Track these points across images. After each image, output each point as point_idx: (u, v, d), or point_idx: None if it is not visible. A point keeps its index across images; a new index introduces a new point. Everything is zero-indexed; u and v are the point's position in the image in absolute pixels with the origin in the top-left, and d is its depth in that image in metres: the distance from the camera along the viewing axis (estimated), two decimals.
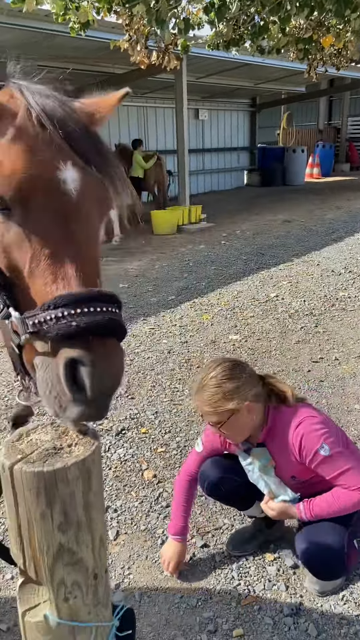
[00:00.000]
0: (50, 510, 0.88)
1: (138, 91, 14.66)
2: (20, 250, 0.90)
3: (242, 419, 1.95)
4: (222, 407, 1.91)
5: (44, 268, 0.88)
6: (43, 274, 0.88)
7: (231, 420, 1.93)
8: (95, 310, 0.84)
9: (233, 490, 2.28)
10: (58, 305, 0.84)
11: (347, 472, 1.95)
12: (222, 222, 11.40)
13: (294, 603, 2.12)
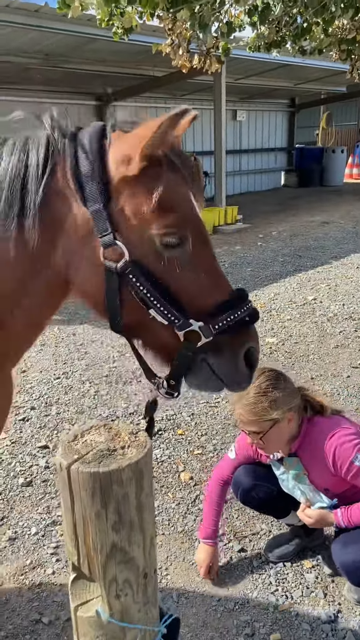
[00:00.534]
0: (105, 510, 0.91)
1: (177, 93, 14.73)
2: (190, 274, 1.10)
3: (282, 429, 1.96)
4: (266, 417, 1.91)
5: (209, 284, 1.12)
6: (209, 289, 1.11)
7: (272, 431, 1.94)
8: (249, 305, 1.15)
9: (267, 498, 2.28)
10: (229, 308, 1.11)
11: None
12: (258, 223, 11.33)
13: (332, 611, 2.10)
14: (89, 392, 4.07)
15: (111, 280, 1.07)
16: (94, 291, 1.12)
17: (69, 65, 10.36)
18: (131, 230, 1.07)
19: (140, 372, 3.85)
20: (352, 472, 1.95)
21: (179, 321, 1.09)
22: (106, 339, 5.16)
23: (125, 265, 1.06)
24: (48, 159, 1.10)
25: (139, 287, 1.06)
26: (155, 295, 1.07)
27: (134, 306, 1.10)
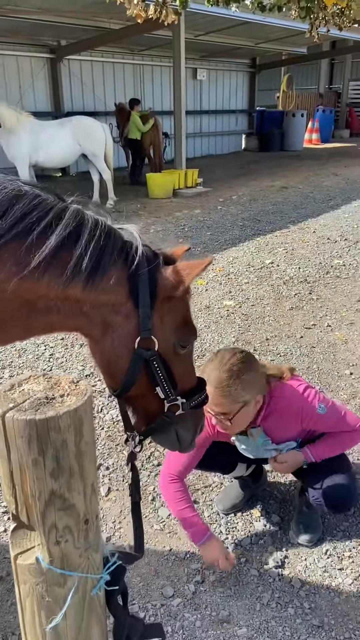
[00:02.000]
0: (43, 457, 0.89)
1: (134, 48, 14.22)
2: (183, 366, 1.50)
3: (250, 411, 1.98)
4: (237, 399, 1.92)
5: (190, 373, 1.54)
6: (190, 376, 1.54)
7: (240, 412, 1.95)
8: (204, 390, 1.57)
9: (211, 459, 2.26)
10: (200, 392, 1.53)
11: (342, 419, 2.11)
12: (218, 187, 11.25)
13: (279, 556, 2.19)
14: (44, 355, 4.01)
15: (137, 362, 1.38)
16: (117, 364, 1.40)
17: (18, 14, 9.81)
18: (163, 332, 1.40)
19: None
20: (316, 420, 2.06)
21: (171, 396, 1.45)
22: None
23: (153, 354, 1.38)
24: (123, 250, 1.36)
25: (158, 370, 1.40)
26: (166, 378, 1.42)
27: (145, 383, 1.42)
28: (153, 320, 1.38)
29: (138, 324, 1.36)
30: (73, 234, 1.29)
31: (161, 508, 2.46)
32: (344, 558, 2.19)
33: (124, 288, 1.36)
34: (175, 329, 1.44)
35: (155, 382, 1.42)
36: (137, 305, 1.36)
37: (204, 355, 4.00)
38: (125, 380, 1.41)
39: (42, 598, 0.97)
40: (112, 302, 1.36)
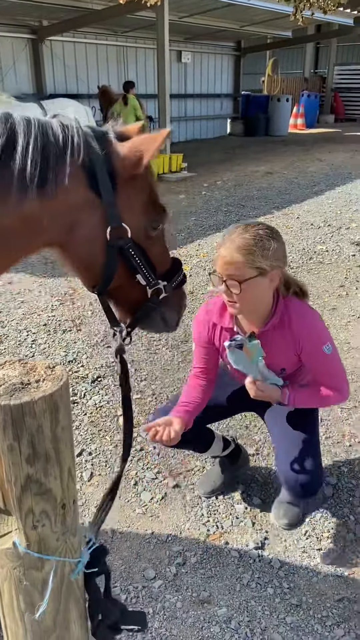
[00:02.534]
0: (18, 443, 0.89)
1: (117, 29, 13.97)
2: (158, 249, 1.48)
3: (262, 288, 1.81)
4: (254, 262, 1.74)
5: (165, 255, 1.53)
6: (166, 258, 1.53)
7: (253, 283, 1.77)
8: (182, 269, 1.58)
9: (185, 435, 2.15)
10: (177, 272, 1.54)
11: (336, 373, 2.00)
12: (203, 172, 11.18)
13: (260, 538, 2.23)
14: (26, 341, 3.99)
15: (113, 254, 1.35)
16: (92, 261, 1.37)
17: None
18: (132, 217, 1.35)
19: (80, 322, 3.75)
20: (315, 355, 1.93)
21: (153, 282, 1.44)
22: (45, 287, 5.04)
23: (127, 242, 1.34)
24: (66, 143, 1.26)
25: (135, 258, 1.38)
26: (144, 263, 1.40)
27: (124, 273, 1.40)
28: (119, 206, 1.32)
29: (105, 214, 1.30)
30: (7, 145, 1.19)
31: (143, 492, 2.48)
32: (323, 539, 2.24)
33: (81, 181, 1.27)
34: (144, 210, 1.39)
35: (134, 269, 1.39)
36: (100, 195, 1.29)
37: (187, 340, 4.01)
38: (104, 275, 1.38)
39: (20, 582, 0.98)
40: (73, 202, 1.28)
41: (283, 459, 2.09)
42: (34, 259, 5.86)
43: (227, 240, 1.79)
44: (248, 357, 1.91)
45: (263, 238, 1.76)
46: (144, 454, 2.74)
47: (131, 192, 1.35)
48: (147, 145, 1.31)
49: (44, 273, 5.45)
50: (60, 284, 5.15)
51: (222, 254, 1.80)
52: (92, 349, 3.86)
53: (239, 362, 1.98)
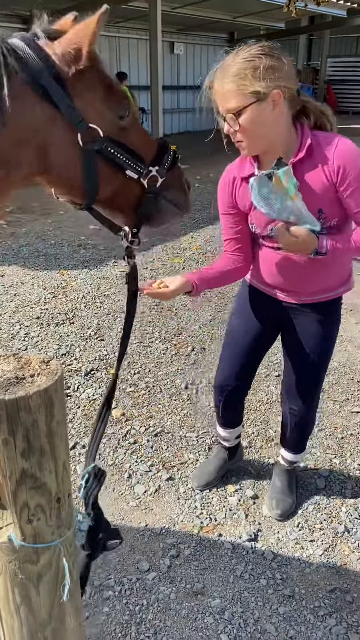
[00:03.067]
0: (13, 437, 0.89)
1: (110, 20, 13.79)
2: (136, 135, 1.38)
3: (264, 114, 1.58)
4: (246, 87, 1.54)
5: (147, 139, 1.43)
6: (149, 143, 1.42)
7: (252, 111, 1.56)
8: (169, 147, 1.47)
9: (239, 398, 2.32)
10: (165, 152, 1.43)
11: None
12: (196, 165, 11.13)
13: (253, 530, 2.25)
14: (19, 334, 3.97)
15: (90, 159, 1.27)
16: (73, 174, 1.30)
17: None
18: (96, 114, 1.27)
19: (73, 314, 3.76)
20: (357, 182, 1.64)
21: (144, 171, 1.37)
22: (38, 280, 5.02)
23: (102, 141, 1.27)
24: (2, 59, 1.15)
25: (116, 154, 1.31)
26: (126, 156, 1.33)
27: (110, 175, 1.33)
28: (79, 108, 1.23)
29: (68, 121, 1.22)
30: None
31: (137, 485, 2.49)
32: (315, 530, 2.26)
33: (29, 99, 1.18)
34: (106, 103, 1.29)
35: (121, 166, 1.33)
36: (55, 105, 1.20)
37: (180, 333, 4.02)
38: (91, 184, 1.31)
39: (16, 575, 0.98)
40: (30, 124, 1.20)
41: (286, 398, 2.22)
42: (26, 251, 5.83)
43: (219, 71, 1.60)
44: (281, 190, 1.59)
45: (255, 57, 1.55)
46: (138, 446, 2.75)
47: (85, 89, 1.25)
48: (82, 34, 1.22)
49: (37, 265, 5.42)
50: (53, 276, 5.13)
51: (216, 88, 1.62)
52: (85, 342, 3.85)
53: (267, 201, 1.63)
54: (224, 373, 2.26)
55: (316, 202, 1.68)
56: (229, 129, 1.65)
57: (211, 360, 3.63)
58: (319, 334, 2.03)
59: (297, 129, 1.70)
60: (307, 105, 1.71)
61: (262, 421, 2.97)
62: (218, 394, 2.31)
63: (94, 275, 5.17)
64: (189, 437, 2.82)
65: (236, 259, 1.97)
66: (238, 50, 1.60)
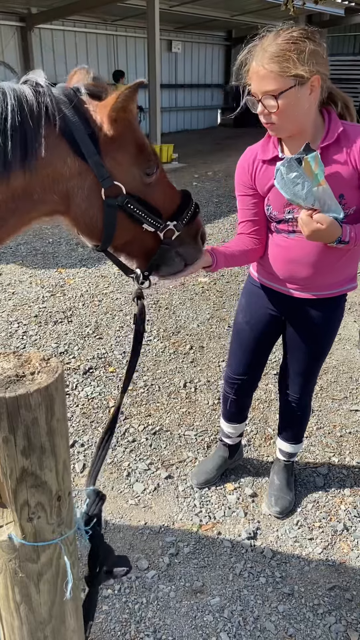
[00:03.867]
0: (14, 435, 0.88)
1: (107, 18, 13.80)
2: (160, 191, 1.44)
3: (301, 99, 1.57)
4: (289, 69, 1.53)
5: (171, 194, 1.48)
6: (172, 197, 1.48)
7: (290, 94, 1.55)
8: (194, 201, 1.53)
9: (248, 391, 2.35)
10: (187, 206, 1.49)
11: None
12: (194, 163, 11.13)
13: (252, 528, 2.25)
14: (17, 333, 3.96)
15: (111, 213, 1.34)
16: (92, 223, 1.36)
17: None
18: (123, 172, 1.34)
19: (71, 312, 3.78)
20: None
21: (162, 225, 1.42)
22: (35, 278, 5.01)
23: (124, 198, 1.33)
24: (41, 112, 1.23)
25: (136, 211, 1.36)
26: (146, 212, 1.38)
27: (128, 227, 1.39)
28: (107, 164, 1.30)
29: (94, 176, 1.29)
30: None
31: (136, 483, 2.48)
32: (314, 528, 2.26)
33: (62, 150, 1.26)
34: (134, 162, 1.36)
35: (139, 221, 1.39)
36: (84, 158, 1.28)
37: (178, 332, 4.01)
38: (108, 234, 1.38)
39: (15, 574, 0.97)
40: (59, 172, 1.27)
41: (284, 387, 2.25)
42: (24, 250, 5.82)
43: (259, 51, 1.56)
44: (309, 176, 1.58)
45: (298, 40, 1.53)
46: (137, 445, 2.75)
47: (116, 150, 1.32)
48: (119, 104, 1.27)
49: (35, 264, 5.41)
50: (51, 275, 5.12)
51: (254, 68, 1.57)
52: (83, 341, 3.85)
53: (293, 186, 1.60)
54: (233, 367, 2.27)
55: (339, 188, 1.68)
56: (263, 110, 1.60)
57: (210, 359, 3.63)
58: (322, 327, 2.04)
59: (324, 115, 1.71)
60: (333, 92, 1.72)
61: (261, 419, 2.97)
62: (228, 387, 2.32)
63: (92, 274, 5.16)
64: (187, 436, 2.82)
65: (252, 240, 1.96)
66: (279, 31, 1.57)
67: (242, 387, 2.30)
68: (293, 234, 1.85)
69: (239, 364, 2.25)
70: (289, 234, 1.87)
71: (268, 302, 2.09)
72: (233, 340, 2.27)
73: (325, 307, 1.99)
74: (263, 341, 2.18)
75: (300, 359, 2.13)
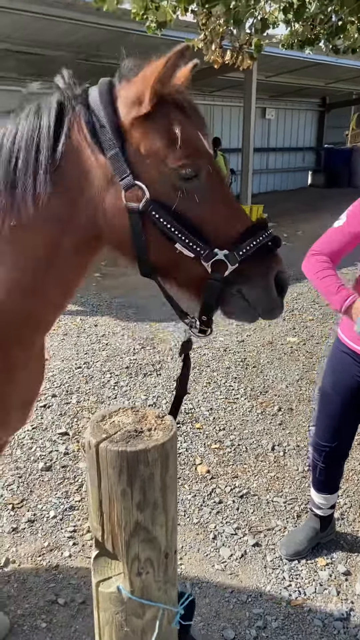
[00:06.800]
0: (131, 488, 0.93)
1: (205, 89, 14.69)
2: (209, 206, 1.14)
3: None
4: None
5: (228, 214, 1.16)
6: (229, 219, 1.16)
7: None
8: (270, 232, 1.17)
9: (338, 459, 2.27)
10: (250, 235, 1.14)
11: None
12: (283, 222, 11.26)
13: (345, 609, 2.10)
14: (109, 383, 4.11)
15: (135, 220, 1.11)
16: (120, 235, 1.15)
17: (98, 58, 10.41)
18: (148, 169, 1.10)
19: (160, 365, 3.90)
20: None
21: (205, 252, 1.12)
22: (128, 331, 5.21)
23: (147, 204, 1.09)
24: (62, 119, 1.13)
25: (163, 222, 1.10)
26: (179, 228, 1.10)
27: (160, 243, 1.13)
28: (131, 161, 1.09)
29: (112, 174, 1.10)
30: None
31: (222, 547, 2.43)
32: None
33: (84, 149, 1.12)
34: (164, 157, 1.10)
35: (170, 238, 1.11)
36: (104, 152, 1.10)
37: (266, 391, 3.97)
38: (136, 248, 1.14)
39: (121, 627, 0.99)
40: (81, 176, 1.13)
41: None
42: (118, 303, 6.11)
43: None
44: None
45: None
46: (223, 507, 2.70)
47: (142, 139, 1.10)
48: (149, 74, 1.08)
49: (128, 317, 5.64)
50: (142, 328, 5.30)
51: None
52: (171, 394, 3.91)
53: None
54: (319, 433, 2.21)
55: None
56: None
57: (299, 422, 3.54)
58: None
59: None
60: None
61: (356, 492, 2.82)
62: (316, 454, 2.25)
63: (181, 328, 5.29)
64: (276, 502, 2.73)
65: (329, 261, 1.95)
66: None
67: (331, 455, 2.21)
68: None
69: (325, 430, 2.18)
70: None
71: (355, 367, 2.03)
72: (319, 405, 2.22)
73: None
74: (350, 407, 2.12)
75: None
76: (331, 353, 2.16)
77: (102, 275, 7.19)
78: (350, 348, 2.03)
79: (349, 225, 1.92)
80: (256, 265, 1.16)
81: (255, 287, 1.18)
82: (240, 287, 1.17)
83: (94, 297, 6.31)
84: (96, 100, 1.12)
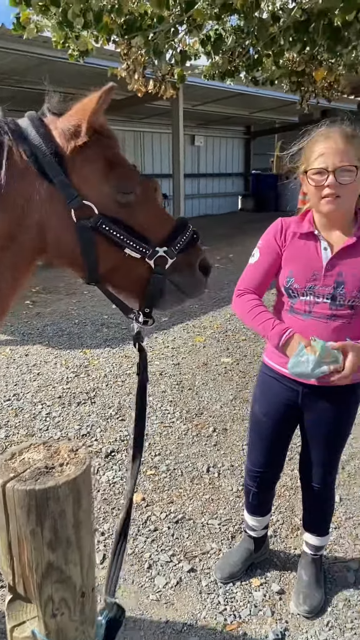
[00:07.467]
0: (41, 527, 0.90)
1: (135, 117, 14.95)
2: (144, 214, 1.36)
3: (358, 184, 1.78)
4: (357, 155, 1.75)
5: (160, 218, 1.41)
6: (161, 222, 1.40)
7: (358, 176, 1.75)
8: (192, 228, 1.43)
9: (270, 484, 2.30)
10: (179, 233, 1.39)
11: None
12: (216, 246, 11.52)
13: (280, 629, 2.11)
14: (41, 414, 3.99)
15: (86, 235, 1.27)
16: (70, 250, 1.30)
17: (23, 84, 10.36)
18: (92, 189, 1.28)
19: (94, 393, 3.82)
20: None
21: (149, 251, 1.33)
22: (60, 359, 5.11)
23: (97, 219, 1.26)
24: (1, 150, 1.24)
25: (113, 232, 1.28)
26: (126, 235, 1.30)
27: (109, 252, 1.31)
28: (75, 184, 1.25)
29: (62, 198, 1.25)
30: None
31: (157, 577, 2.39)
32: (346, 630, 2.11)
33: (29, 176, 1.23)
34: (104, 178, 1.29)
35: (120, 245, 1.30)
36: (50, 180, 1.24)
37: (201, 413, 3.99)
38: (88, 261, 1.31)
39: None
40: (27, 198, 1.24)
41: (304, 478, 2.20)
42: (50, 330, 5.98)
43: (331, 133, 1.77)
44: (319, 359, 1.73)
45: (354, 135, 1.77)
46: (158, 534, 2.67)
47: (84, 165, 1.27)
48: (84, 108, 1.25)
49: (60, 345, 5.54)
50: (75, 355, 5.22)
51: (329, 145, 1.75)
52: (106, 422, 3.85)
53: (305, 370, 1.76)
54: (253, 459, 2.24)
55: (357, 284, 1.84)
56: (334, 182, 1.74)
57: (233, 442, 3.58)
58: (338, 416, 2.02)
59: (357, 213, 1.91)
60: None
61: (287, 508, 2.87)
62: (249, 480, 2.28)
63: (116, 354, 5.25)
64: (211, 525, 2.73)
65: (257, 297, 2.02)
66: (334, 125, 1.81)
67: (264, 480, 2.25)
68: (309, 315, 1.89)
69: (258, 455, 2.21)
70: (304, 315, 1.91)
71: (283, 390, 2.07)
72: (251, 432, 2.24)
73: (341, 393, 1.99)
74: (282, 432, 2.16)
75: (319, 449, 2.10)
76: (259, 379, 2.20)
77: (32, 302, 7.03)
78: (277, 372, 2.07)
79: (263, 260, 2.03)
80: (185, 256, 1.41)
81: (186, 274, 1.42)
82: (174, 277, 1.40)
83: (24, 325, 6.15)
84: (32, 133, 1.25)
